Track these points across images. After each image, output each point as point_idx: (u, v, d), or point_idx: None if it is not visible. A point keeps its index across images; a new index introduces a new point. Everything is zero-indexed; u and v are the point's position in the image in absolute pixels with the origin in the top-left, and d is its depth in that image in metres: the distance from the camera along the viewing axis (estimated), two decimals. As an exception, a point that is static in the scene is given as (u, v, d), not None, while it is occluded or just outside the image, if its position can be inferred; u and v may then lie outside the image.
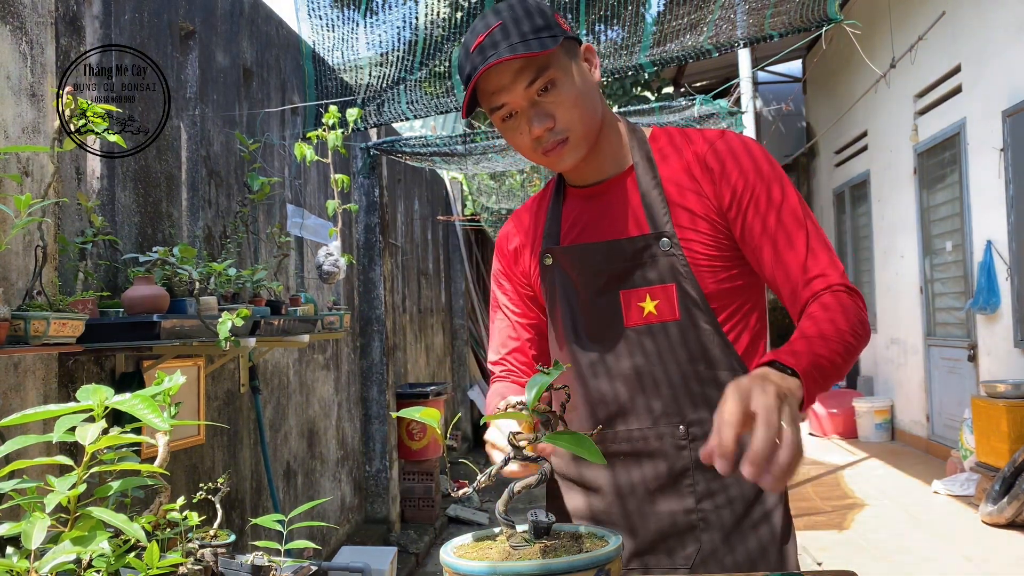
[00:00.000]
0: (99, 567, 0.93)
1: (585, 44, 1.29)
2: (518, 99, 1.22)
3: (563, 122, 1.23)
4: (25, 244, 2.05)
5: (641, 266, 1.27)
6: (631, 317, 1.28)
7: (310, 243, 4.23)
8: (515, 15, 1.21)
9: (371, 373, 5.26)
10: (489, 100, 1.23)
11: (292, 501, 3.96)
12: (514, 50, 1.17)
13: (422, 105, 4.00)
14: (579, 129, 1.24)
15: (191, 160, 3.15)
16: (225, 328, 2.32)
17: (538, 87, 1.21)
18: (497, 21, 1.21)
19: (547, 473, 1.04)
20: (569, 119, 1.23)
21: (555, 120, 1.22)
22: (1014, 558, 4.13)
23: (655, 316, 1.27)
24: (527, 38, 1.18)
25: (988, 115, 5.57)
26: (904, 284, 7.45)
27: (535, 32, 1.19)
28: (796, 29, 3.80)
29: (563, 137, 1.23)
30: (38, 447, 2.00)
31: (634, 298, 1.28)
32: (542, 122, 1.22)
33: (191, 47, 3.20)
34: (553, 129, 1.23)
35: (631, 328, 1.28)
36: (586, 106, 1.24)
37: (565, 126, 1.23)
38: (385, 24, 3.90)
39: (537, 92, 1.21)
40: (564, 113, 1.22)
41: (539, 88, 1.21)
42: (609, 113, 1.33)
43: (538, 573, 0.92)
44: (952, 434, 6.34)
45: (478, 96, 1.24)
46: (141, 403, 0.90)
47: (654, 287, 1.27)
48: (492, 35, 1.20)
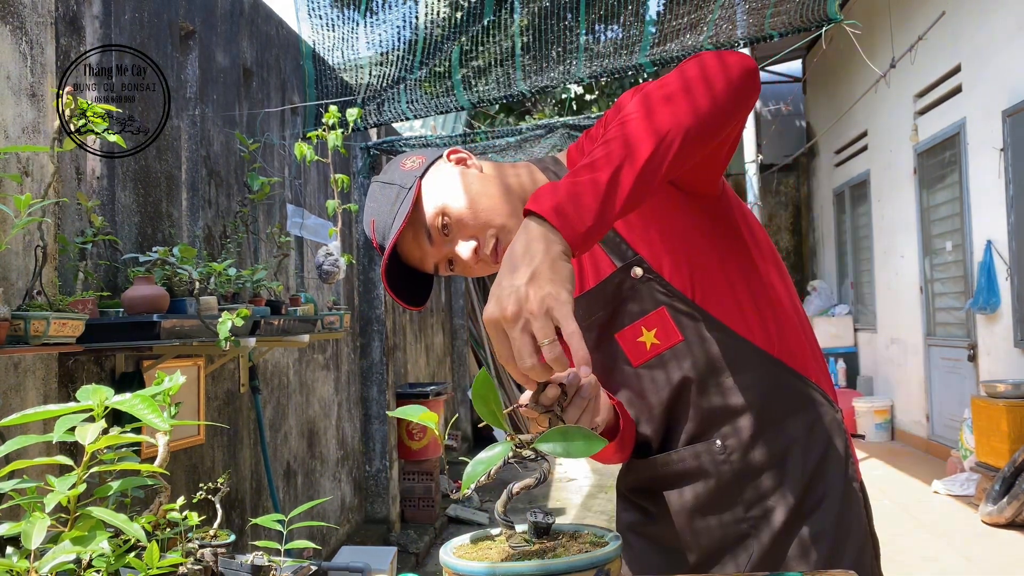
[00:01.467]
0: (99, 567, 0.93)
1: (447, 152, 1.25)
2: (438, 254, 1.20)
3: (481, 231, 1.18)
4: (25, 244, 2.05)
5: (623, 303, 1.20)
6: (637, 356, 1.22)
7: (310, 243, 4.23)
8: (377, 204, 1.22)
9: (371, 373, 5.26)
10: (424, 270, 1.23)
11: (292, 501, 3.96)
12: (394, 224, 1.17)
13: (422, 105, 4.00)
14: (498, 221, 1.18)
15: (191, 160, 3.15)
16: (225, 328, 2.32)
17: (437, 233, 1.18)
18: (371, 220, 1.22)
19: (546, 473, 1.04)
20: (481, 225, 1.18)
21: (475, 238, 1.18)
22: (1014, 558, 4.13)
23: (659, 346, 1.20)
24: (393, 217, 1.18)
25: (988, 115, 5.57)
26: (904, 284, 7.45)
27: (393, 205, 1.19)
28: (796, 29, 3.80)
29: (494, 240, 1.19)
30: (38, 447, 2.00)
31: (630, 336, 1.21)
32: (467, 249, 1.18)
33: (191, 47, 3.20)
34: (480, 246, 1.18)
35: (642, 366, 1.22)
36: (485, 202, 1.18)
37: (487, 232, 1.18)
38: (385, 24, 3.90)
39: (442, 235, 1.18)
40: (474, 226, 1.18)
41: (439, 232, 1.18)
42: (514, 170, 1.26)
43: (537, 573, 0.92)
44: (952, 434, 6.34)
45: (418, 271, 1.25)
46: (141, 403, 0.90)
47: (646, 317, 1.19)
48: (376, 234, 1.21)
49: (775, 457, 1.19)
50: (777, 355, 1.20)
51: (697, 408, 1.20)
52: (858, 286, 9.09)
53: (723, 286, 1.19)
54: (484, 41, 3.83)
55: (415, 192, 1.17)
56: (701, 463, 1.21)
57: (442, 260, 1.21)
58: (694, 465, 1.22)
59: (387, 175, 1.24)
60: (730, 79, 1.00)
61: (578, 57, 3.87)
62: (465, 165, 1.23)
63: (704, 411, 1.20)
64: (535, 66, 3.92)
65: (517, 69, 3.89)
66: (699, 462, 1.21)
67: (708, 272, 1.19)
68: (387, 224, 1.19)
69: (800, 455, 1.19)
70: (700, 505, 1.22)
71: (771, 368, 1.19)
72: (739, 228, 1.26)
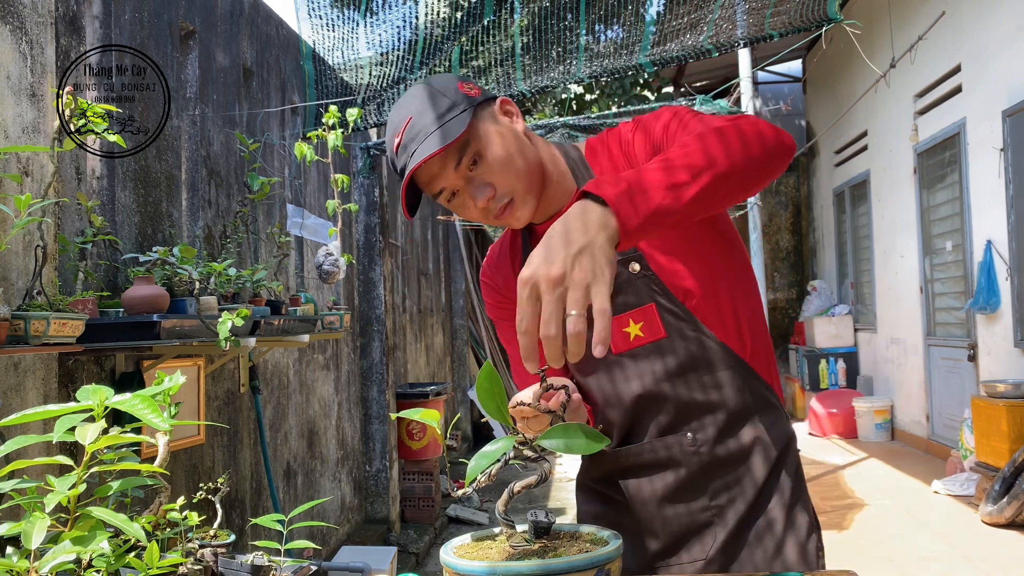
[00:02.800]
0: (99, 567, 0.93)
1: (500, 99, 1.29)
2: (453, 181, 1.22)
3: (503, 187, 1.23)
4: (25, 244, 2.05)
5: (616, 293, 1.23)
6: (618, 344, 1.27)
7: (310, 243, 4.23)
8: (420, 105, 1.22)
9: (371, 373, 5.26)
10: (427, 189, 1.24)
11: (292, 501, 3.96)
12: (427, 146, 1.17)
13: (422, 105, 3.99)
14: (520, 187, 1.24)
15: (191, 160, 3.15)
16: (225, 328, 2.32)
17: (466, 164, 1.21)
18: (407, 117, 1.22)
19: (547, 473, 1.04)
20: (506, 182, 1.23)
21: (494, 187, 1.22)
22: (1014, 558, 4.13)
23: (642, 338, 1.26)
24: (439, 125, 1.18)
25: (988, 115, 5.57)
26: (904, 284, 7.45)
27: (442, 116, 1.19)
28: (796, 29, 3.80)
29: (508, 200, 1.24)
30: (38, 447, 2.00)
31: (616, 325, 1.26)
32: (482, 193, 1.22)
33: (191, 47, 3.20)
34: (495, 196, 1.23)
35: (622, 354, 1.28)
36: (520, 163, 1.23)
37: (506, 190, 1.23)
38: (385, 24, 3.90)
39: (468, 168, 1.21)
40: (500, 178, 1.22)
41: (468, 165, 1.21)
42: (547, 148, 1.32)
43: (537, 573, 0.92)
44: (952, 434, 6.34)
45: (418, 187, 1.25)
46: (141, 403, 0.90)
47: (634, 311, 1.26)
48: (406, 132, 1.21)
49: (741, 452, 1.28)
50: (748, 361, 1.28)
51: (671, 402, 1.27)
52: (858, 286, 9.09)
53: (712, 293, 1.26)
54: (484, 41, 3.83)
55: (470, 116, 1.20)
56: (672, 454, 1.29)
57: (450, 188, 1.23)
58: (665, 456, 1.29)
59: (441, 84, 1.25)
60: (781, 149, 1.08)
61: (578, 57, 3.87)
62: (511, 119, 1.27)
63: (678, 405, 1.27)
64: (535, 66, 3.92)
65: (517, 69, 3.89)
66: (670, 453, 1.29)
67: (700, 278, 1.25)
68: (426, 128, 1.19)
69: (762, 451, 1.28)
70: (669, 493, 1.30)
71: (742, 372, 1.27)
72: (734, 240, 1.32)
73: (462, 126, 1.17)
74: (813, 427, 8.33)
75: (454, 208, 1.27)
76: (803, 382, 9.23)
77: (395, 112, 1.25)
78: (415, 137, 1.20)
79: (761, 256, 5.94)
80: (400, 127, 1.22)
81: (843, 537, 4.71)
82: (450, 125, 1.18)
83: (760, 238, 5.93)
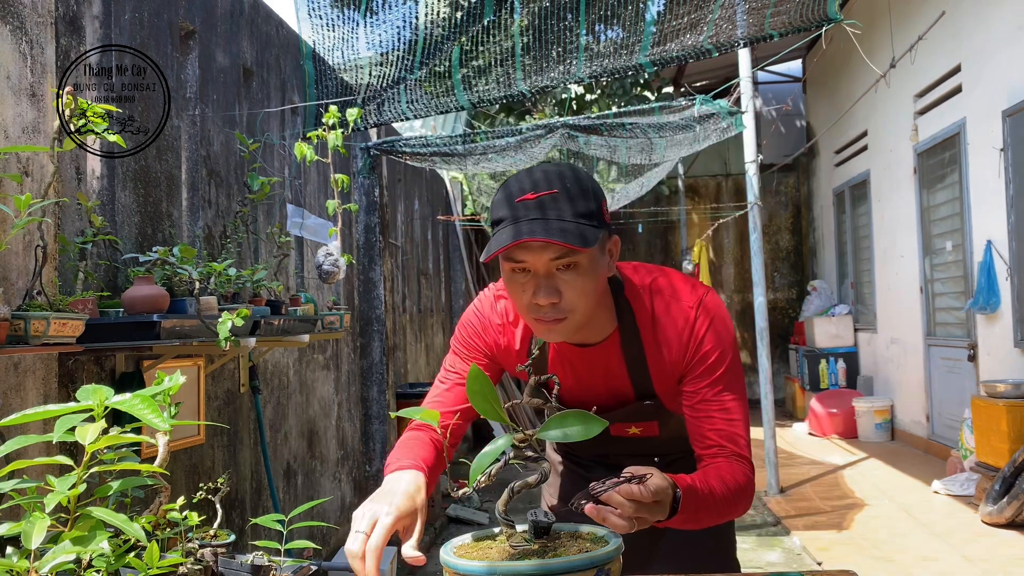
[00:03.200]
0: (99, 567, 0.93)
1: (614, 238, 1.35)
2: (538, 265, 1.25)
3: (568, 303, 1.27)
4: (25, 244, 2.05)
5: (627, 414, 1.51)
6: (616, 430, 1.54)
7: (310, 243, 4.23)
8: (571, 190, 1.26)
9: (371, 373, 5.26)
10: (512, 251, 1.26)
11: (292, 501, 3.96)
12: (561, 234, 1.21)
13: (422, 105, 4.00)
14: (579, 315, 1.30)
15: (191, 160, 3.15)
16: (225, 328, 2.32)
17: (560, 263, 1.25)
18: (553, 188, 1.25)
19: (547, 473, 1.04)
20: (575, 303, 1.28)
21: (562, 298, 1.27)
22: (1014, 558, 4.13)
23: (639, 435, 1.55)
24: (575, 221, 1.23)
25: (988, 115, 5.57)
26: (904, 284, 7.45)
27: (583, 217, 1.24)
28: (796, 29, 3.79)
29: (563, 316, 1.28)
30: (38, 447, 2.00)
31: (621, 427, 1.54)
32: (549, 295, 1.26)
33: (191, 47, 3.20)
34: (557, 305, 1.27)
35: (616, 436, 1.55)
36: (594, 298, 1.31)
37: (569, 307, 1.28)
38: (385, 24, 3.90)
39: (557, 267, 1.25)
40: (573, 296, 1.27)
41: (560, 264, 1.25)
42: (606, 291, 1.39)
43: (537, 573, 0.92)
44: (952, 434, 6.34)
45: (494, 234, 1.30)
46: (141, 403, 0.90)
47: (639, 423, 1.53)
48: (543, 199, 1.24)
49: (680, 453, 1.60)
50: None
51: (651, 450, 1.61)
52: (858, 286, 9.09)
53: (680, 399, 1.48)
54: (484, 41, 3.83)
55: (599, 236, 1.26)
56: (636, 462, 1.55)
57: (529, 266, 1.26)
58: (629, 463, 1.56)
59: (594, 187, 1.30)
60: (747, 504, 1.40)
61: (578, 57, 3.87)
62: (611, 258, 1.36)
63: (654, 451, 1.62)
64: (535, 66, 3.91)
65: (517, 69, 3.89)
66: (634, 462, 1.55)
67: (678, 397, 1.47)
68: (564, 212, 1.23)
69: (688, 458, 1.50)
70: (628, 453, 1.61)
71: None
72: None
73: (593, 241, 1.23)
74: (813, 427, 8.32)
75: (511, 280, 1.31)
76: (803, 382, 9.23)
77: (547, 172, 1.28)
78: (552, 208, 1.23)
79: (761, 256, 5.92)
80: (546, 187, 1.25)
81: (843, 537, 4.71)
82: (586, 231, 1.23)
83: (760, 238, 5.92)
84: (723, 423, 1.37)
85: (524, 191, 1.25)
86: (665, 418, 1.51)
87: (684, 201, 11.43)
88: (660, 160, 6.32)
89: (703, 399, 1.39)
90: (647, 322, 1.41)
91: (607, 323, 1.41)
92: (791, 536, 4.82)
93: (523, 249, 1.24)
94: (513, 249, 1.25)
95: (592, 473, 1.59)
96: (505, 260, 1.28)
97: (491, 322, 1.51)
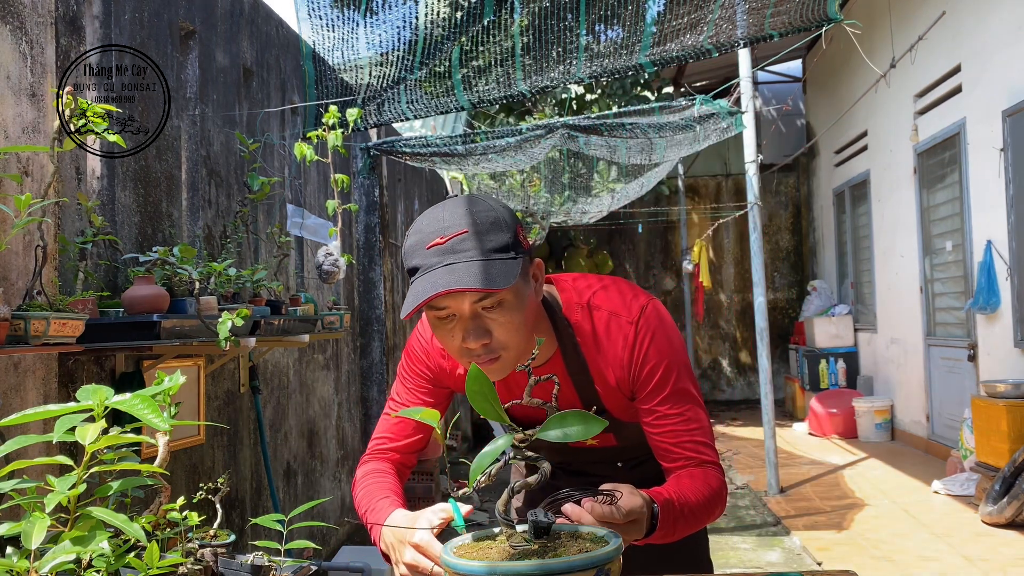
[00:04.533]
0: (99, 567, 0.93)
1: (536, 262, 1.30)
2: (462, 309, 1.21)
3: (500, 342, 1.23)
4: (25, 244, 2.05)
5: None
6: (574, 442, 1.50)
7: (310, 243, 4.23)
8: (481, 224, 1.20)
9: (371, 373, 5.26)
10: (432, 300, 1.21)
11: (292, 501, 3.96)
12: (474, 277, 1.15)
13: (422, 105, 4.00)
14: (512, 351, 1.25)
15: (191, 160, 3.15)
16: (225, 328, 2.32)
17: (485, 304, 1.21)
18: (462, 228, 1.19)
19: (546, 473, 1.04)
20: (506, 340, 1.23)
21: (492, 338, 1.22)
22: (1014, 558, 4.13)
23: (597, 445, 1.55)
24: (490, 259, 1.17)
25: (988, 115, 5.57)
26: (904, 284, 7.45)
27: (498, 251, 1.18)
28: (796, 29, 3.79)
29: (496, 355, 1.24)
30: (38, 447, 2.00)
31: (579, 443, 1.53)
32: (479, 337, 1.22)
33: (191, 47, 3.19)
34: (488, 346, 1.23)
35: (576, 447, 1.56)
36: (526, 330, 1.25)
37: (501, 345, 1.24)
38: (385, 24, 3.90)
39: (482, 307, 1.21)
40: (503, 334, 1.23)
41: (485, 305, 1.21)
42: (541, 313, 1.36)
43: (537, 573, 0.92)
44: (952, 434, 6.34)
45: None
46: (141, 403, 0.90)
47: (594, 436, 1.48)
48: (456, 240, 1.18)
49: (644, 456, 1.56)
50: None
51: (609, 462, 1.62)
52: (858, 286, 9.09)
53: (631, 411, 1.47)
54: (484, 41, 3.83)
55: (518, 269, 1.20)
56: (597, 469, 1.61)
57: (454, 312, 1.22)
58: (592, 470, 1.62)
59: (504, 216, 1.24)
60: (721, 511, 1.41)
61: (578, 57, 3.87)
62: (536, 283, 1.31)
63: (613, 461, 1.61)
64: (535, 66, 3.91)
65: (517, 69, 3.89)
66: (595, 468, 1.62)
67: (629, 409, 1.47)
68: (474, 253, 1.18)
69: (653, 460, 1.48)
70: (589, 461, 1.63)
71: None
72: None
73: (512, 277, 1.17)
74: (813, 427, 8.32)
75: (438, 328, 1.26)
76: (803, 382, 9.23)
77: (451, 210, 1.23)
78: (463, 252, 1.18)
79: (761, 256, 5.92)
80: (452, 230, 1.19)
81: (843, 537, 4.71)
82: (500, 268, 1.17)
83: (760, 238, 5.91)
84: (685, 435, 1.36)
85: (434, 236, 1.20)
86: (619, 428, 1.48)
87: (684, 201, 11.43)
88: (660, 160, 6.32)
89: (660, 416, 1.36)
90: (589, 341, 1.38)
91: (546, 345, 1.38)
92: (791, 536, 4.82)
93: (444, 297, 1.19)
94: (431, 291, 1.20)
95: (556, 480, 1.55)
96: (428, 309, 1.23)
97: (433, 346, 1.47)
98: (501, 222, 1.22)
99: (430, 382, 1.49)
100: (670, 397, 1.36)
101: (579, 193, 7.67)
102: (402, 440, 1.49)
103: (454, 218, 1.21)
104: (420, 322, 1.51)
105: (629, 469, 1.61)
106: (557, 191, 7.66)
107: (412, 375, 1.50)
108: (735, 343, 11.70)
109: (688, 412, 1.36)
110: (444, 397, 1.53)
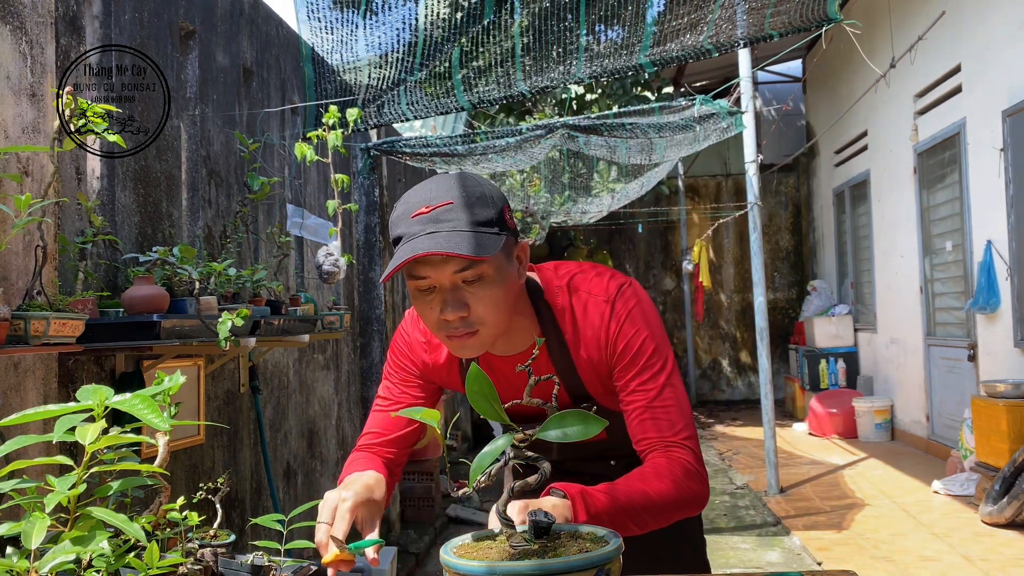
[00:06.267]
0: (99, 567, 0.93)
1: (521, 243, 1.31)
2: (442, 279, 1.22)
3: (477, 315, 1.24)
4: (25, 244, 2.05)
5: None
6: None
7: (310, 243, 4.23)
8: (467, 198, 1.21)
9: (371, 373, 5.26)
10: (413, 267, 1.23)
11: (292, 501, 3.96)
12: (456, 244, 1.16)
13: (422, 106, 4.00)
14: (490, 327, 1.26)
15: (191, 160, 3.15)
16: (225, 328, 2.32)
17: (465, 276, 1.21)
18: (448, 199, 1.21)
19: (546, 473, 1.04)
20: (484, 315, 1.24)
21: (470, 311, 1.23)
22: (1014, 558, 4.13)
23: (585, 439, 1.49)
24: (473, 230, 1.18)
25: (988, 115, 5.57)
26: (904, 284, 7.45)
27: (482, 224, 1.20)
28: (796, 29, 3.80)
29: (473, 329, 1.25)
30: (38, 447, 2.00)
31: None
32: (456, 309, 1.23)
33: (191, 47, 3.20)
34: (466, 319, 1.24)
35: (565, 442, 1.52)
36: (505, 308, 1.27)
37: (479, 320, 1.25)
38: (385, 25, 3.90)
39: (463, 280, 1.22)
40: (481, 308, 1.24)
41: (466, 277, 1.22)
42: (523, 297, 1.37)
43: (536, 573, 0.92)
44: (952, 434, 6.34)
45: None
46: (141, 403, 0.90)
47: None
48: (442, 210, 1.20)
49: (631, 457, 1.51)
50: None
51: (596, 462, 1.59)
52: (858, 286, 9.09)
53: None
54: (484, 42, 3.83)
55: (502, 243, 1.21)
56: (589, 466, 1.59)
57: (435, 283, 1.23)
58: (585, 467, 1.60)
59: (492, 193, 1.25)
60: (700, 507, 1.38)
61: (578, 57, 3.87)
62: (520, 265, 1.32)
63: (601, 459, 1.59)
64: (535, 66, 3.92)
65: (517, 69, 3.89)
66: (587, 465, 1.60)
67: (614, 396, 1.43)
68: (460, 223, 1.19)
69: None
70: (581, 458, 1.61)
71: None
72: None
73: (494, 249, 1.19)
74: (813, 427, 8.32)
75: (417, 299, 1.27)
76: (803, 382, 9.23)
77: (439, 183, 1.24)
78: (447, 221, 1.19)
79: (761, 256, 5.92)
80: (438, 201, 1.21)
81: (843, 537, 4.71)
82: (485, 239, 1.19)
83: (760, 238, 5.91)
84: (659, 411, 1.33)
85: (419, 205, 1.21)
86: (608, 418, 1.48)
87: (684, 201, 11.43)
88: (660, 160, 6.32)
89: (632, 391, 1.35)
90: (568, 323, 1.38)
91: (529, 330, 1.38)
92: (791, 536, 4.82)
93: (424, 264, 1.20)
94: (414, 265, 1.21)
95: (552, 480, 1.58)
96: (409, 278, 1.24)
97: (416, 341, 1.48)
98: (487, 198, 1.24)
99: (415, 376, 1.51)
100: (644, 370, 1.35)
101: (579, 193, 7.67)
102: (391, 434, 1.49)
103: (441, 190, 1.23)
104: (403, 319, 1.52)
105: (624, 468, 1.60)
106: (557, 191, 7.66)
107: (396, 369, 1.52)
108: (735, 343, 11.69)
109: (664, 389, 1.34)
110: (432, 392, 1.53)
